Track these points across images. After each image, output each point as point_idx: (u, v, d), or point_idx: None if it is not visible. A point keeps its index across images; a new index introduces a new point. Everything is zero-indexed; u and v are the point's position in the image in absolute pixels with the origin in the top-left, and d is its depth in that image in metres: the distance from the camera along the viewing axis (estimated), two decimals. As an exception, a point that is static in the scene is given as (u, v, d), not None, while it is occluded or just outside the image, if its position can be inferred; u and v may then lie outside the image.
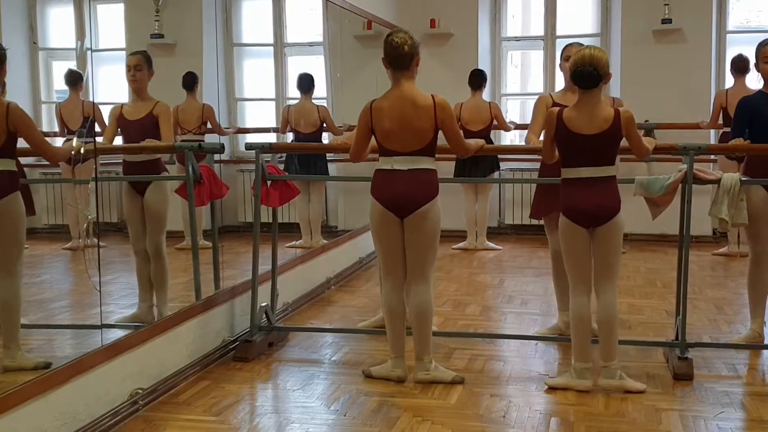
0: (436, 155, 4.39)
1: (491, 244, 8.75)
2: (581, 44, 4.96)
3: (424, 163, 4.31)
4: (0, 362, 3.86)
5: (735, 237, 8.06)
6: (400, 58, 4.28)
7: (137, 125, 5.13)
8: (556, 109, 4.29)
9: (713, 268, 7.70)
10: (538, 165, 5.43)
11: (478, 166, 8.33)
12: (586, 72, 4.11)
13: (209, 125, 7.13)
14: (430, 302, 4.46)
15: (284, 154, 7.69)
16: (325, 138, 8.24)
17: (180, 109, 6.90)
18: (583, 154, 4.18)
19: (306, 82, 8.06)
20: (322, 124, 8.01)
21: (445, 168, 8.17)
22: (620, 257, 4.32)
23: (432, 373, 4.44)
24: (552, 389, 4.31)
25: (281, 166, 6.08)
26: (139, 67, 5.13)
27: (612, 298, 4.28)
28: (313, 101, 8.07)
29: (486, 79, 8.71)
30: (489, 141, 8.35)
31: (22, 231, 4.02)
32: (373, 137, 4.40)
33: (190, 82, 6.94)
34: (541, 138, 4.68)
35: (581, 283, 4.30)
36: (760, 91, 5.02)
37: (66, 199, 5.73)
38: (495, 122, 8.57)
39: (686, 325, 4.70)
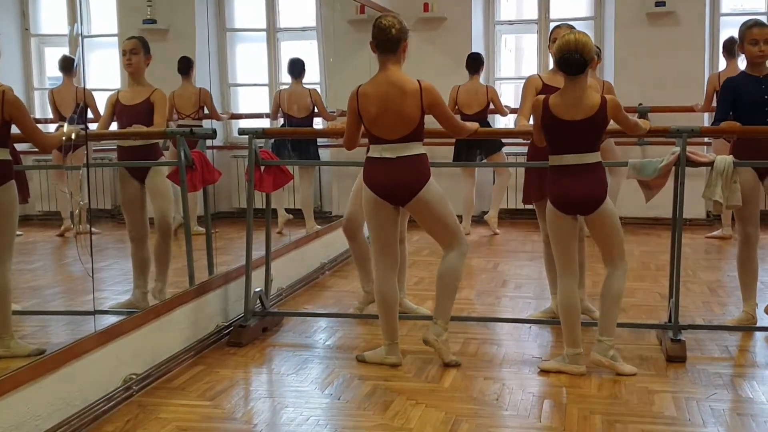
0: (437, 139, 4.37)
1: (495, 226, 8.72)
2: (570, 26, 4.95)
3: (413, 148, 4.30)
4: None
5: (728, 219, 8.08)
6: (388, 42, 4.26)
7: (133, 111, 5.10)
8: (542, 97, 4.26)
9: (707, 250, 7.72)
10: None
11: (476, 148, 8.31)
12: (572, 59, 4.07)
13: (206, 110, 7.11)
14: (457, 268, 4.44)
15: (273, 140, 7.67)
16: (318, 123, 8.22)
17: (176, 94, 6.88)
18: (568, 141, 4.17)
19: (297, 67, 8.03)
20: (314, 109, 7.99)
21: (440, 152, 8.18)
22: (621, 238, 4.33)
23: (440, 344, 4.44)
24: (545, 372, 4.33)
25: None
26: (135, 50, 5.09)
27: (618, 276, 4.31)
28: (305, 86, 8.05)
29: (483, 62, 8.67)
30: (486, 124, 8.33)
31: (14, 220, 4.01)
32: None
33: (186, 66, 6.92)
34: (532, 122, 4.68)
35: (569, 268, 4.31)
36: (743, 72, 5.03)
37: (57, 185, 5.73)
38: (491, 106, 8.56)
39: (679, 307, 4.72)
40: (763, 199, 5.04)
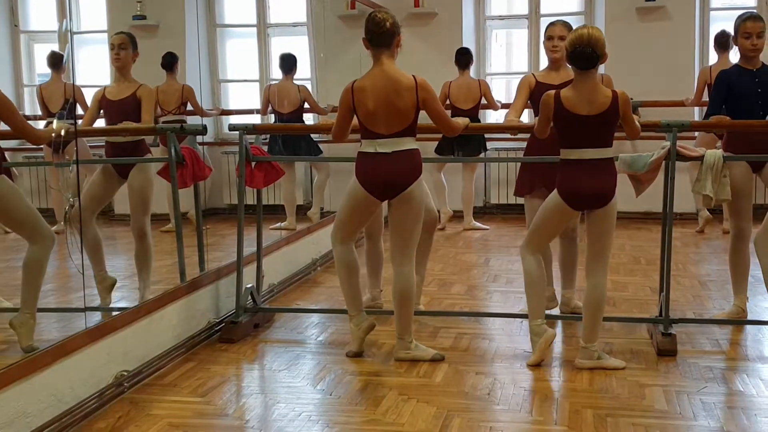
0: (424, 135, 4.40)
1: (477, 224, 8.77)
2: (565, 22, 4.99)
3: (407, 143, 4.30)
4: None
5: (706, 211, 8.12)
6: (383, 36, 4.26)
7: (119, 106, 5.08)
8: (552, 92, 4.24)
9: (697, 244, 7.75)
10: (523, 144, 5.42)
11: (465, 146, 8.33)
12: (584, 53, 4.06)
13: (190, 106, 7.09)
14: (414, 283, 4.48)
15: (268, 135, 7.67)
16: (308, 119, 8.21)
17: (160, 89, 6.86)
18: (584, 135, 4.15)
19: (288, 63, 8.03)
20: (303, 104, 7.98)
21: (429, 147, 8.19)
22: (613, 240, 4.34)
23: (412, 352, 4.47)
24: (535, 366, 4.33)
25: (265, 148, 6.05)
26: (123, 45, 5.07)
27: (602, 280, 4.29)
28: (295, 81, 8.03)
29: (472, 57, 8.68)
30: (477, 120, 8.34)
31: (24, 207, 4.09)
32: (355, 118, 4.38)
33: (170, 62, 6.90)
34: (524, 119, 4.69)
35: (541, 246, 4.49)
36: (736, 65, 5.04)
37: (49, 182, 5.71)
38: (483, 101, 8.56)
39: (670, 301, 4.73)
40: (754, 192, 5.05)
